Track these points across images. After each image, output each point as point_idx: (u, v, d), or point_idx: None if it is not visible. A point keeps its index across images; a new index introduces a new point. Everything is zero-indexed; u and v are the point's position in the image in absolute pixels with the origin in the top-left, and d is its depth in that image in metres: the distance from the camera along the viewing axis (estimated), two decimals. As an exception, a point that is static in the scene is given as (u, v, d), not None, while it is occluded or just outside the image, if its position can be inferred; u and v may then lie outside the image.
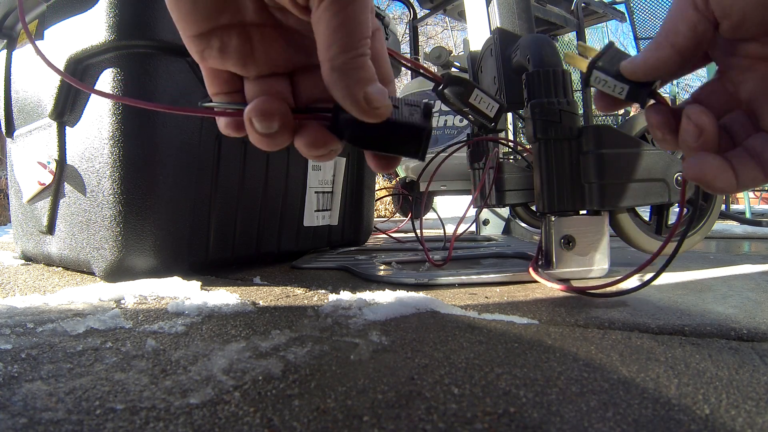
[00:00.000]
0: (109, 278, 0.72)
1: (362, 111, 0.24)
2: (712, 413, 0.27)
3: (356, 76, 0.24)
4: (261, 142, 0.26)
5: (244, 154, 0.85)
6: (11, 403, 0.28)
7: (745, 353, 0.37)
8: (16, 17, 0.89)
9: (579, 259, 0.69)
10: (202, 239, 0.80)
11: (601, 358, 0.36)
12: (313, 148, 0.26)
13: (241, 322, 0.47)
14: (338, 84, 0.24)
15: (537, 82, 0.68)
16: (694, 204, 0.81)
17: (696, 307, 0.52)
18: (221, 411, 0.28)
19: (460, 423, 0.26)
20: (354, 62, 0.24)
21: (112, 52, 0.70)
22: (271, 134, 0.25)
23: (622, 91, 0.30)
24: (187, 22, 0.25)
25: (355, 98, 0.24)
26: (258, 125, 0.25)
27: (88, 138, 0.74)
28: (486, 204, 0.92)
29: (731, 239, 1.43)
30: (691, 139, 0.27)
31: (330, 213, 1.08)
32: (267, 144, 0.26)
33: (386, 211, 4.09)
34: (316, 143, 0.26)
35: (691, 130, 0.27)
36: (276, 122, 0.25)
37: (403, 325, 0.46)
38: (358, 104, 0.24)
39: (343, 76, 0.24)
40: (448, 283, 0.69)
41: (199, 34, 0.26)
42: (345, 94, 0.24)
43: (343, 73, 0.24)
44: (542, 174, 0.69)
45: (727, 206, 3.07)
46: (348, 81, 0.24)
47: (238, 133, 0.28)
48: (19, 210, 0.95)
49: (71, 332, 0.43)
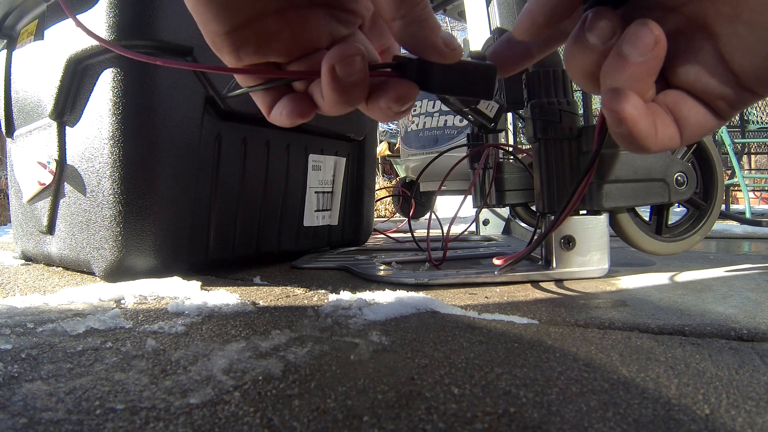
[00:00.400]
0: (109, 278, 0.72)
1: (444, 54, 0.25)
2: (712, 413, 0.27)
3: (430, 25, 0.25)
4: (338, 99, 0.26)
5: (244, 154, 0.85)
6: (11, 403, 0.28)
7: (745, 353, 0.37)
8: (16, 17, 0.89)
9: (579, 259, 0.69)
10: (202, 239, 0.80)
11: (601, 358, 0.36)
12: (401, 102, 0.26)
13: (241, 322, 0.47)
14: (417, 36, 0.25)
15: (537, 82, 0.68)
16: (695, 204, 0.81)
17: (696, 307, 0.52)
18: (221, 411, 0.28)
19: (460, 423, 0.26)
20: (424, 13, 0.25)
21: (112, 52, 0.70)
22: (353, 83, 0.25)
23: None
24: (218, 19, 0.24)
25: (436, 44, 0.25)
26: (341, 71, 0.25)
27: (88, 138, 0.74)
28: (485, 204, 0.92)
29: (731, 239, 1.43)
30: (638, 53, 0.22)
31: (330, 213, 1.08)
32: (345, 100, 0.26)
33: (386, 211, 4.09)
34: (405, 96, 0.26)
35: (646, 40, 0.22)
36: (358, 66, 0.25)
37: (403, 325, 0.46)
38: (440, 49, 0.25)
39: (420, 29, 0.25)
40: (448, 283, 0.69)
41: (232, 29, 0.25)
42: (426, 43, 0.25)
43: (419, 25, 0.25)
44: (542, 174, 0.69)
45: (727, 206, 3.07)
46: (425, 31, 0.25)
47: (302, 116, 0.27)
48: (19, 210, 0.95)
49: (71, 332, 0.43)
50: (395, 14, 0.25)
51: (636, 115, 0.23)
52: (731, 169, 2.76)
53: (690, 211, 0.83)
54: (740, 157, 2.97)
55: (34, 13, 0.86)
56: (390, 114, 0.27)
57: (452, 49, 0.26)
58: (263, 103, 0.28)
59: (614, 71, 0.23)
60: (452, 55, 0.26)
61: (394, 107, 0.26)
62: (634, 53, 0.22)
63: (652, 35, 0.22)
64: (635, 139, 0.23)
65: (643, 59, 0.22)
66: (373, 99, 0.27)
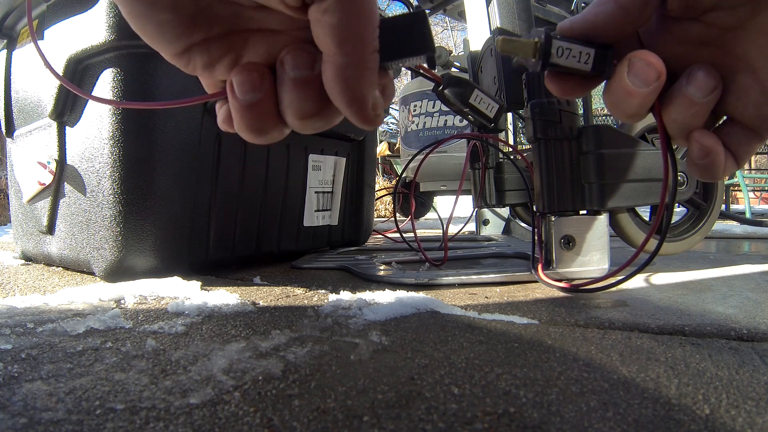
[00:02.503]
0: (109, 278, 0.72)
1: (368, 117, 0.23)
2: (712, 413, 0.27)
3: (370, 78, 0.23)
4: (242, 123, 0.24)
5: (244, 154, 0.85)
6: (11, 403, 0.28)
7: (745, 353, 0.37)
8: (16, 17, 0.89)
9: (579, 259, 0.69)
10: (202, 239, 0.80)
11: (601, 358, 0.36)
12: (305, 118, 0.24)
13: (241, 322, 0.47)
14: (351, 83, 0.22)
15: (537, 82, 0.68)
16: (695, 204, 0.81)
17: (696, 307, 0.52)
18: (221, 411, 0.28)
19: (460, 423, 0.26)
20: (369, 61, 0.22)
21: (112, 52, 0.70)
22: (249, 104, 0.23)
23: (588, 58, 0.26)
24: (159, 45, 0.24)
25: (365, 103, 0.23)
26: (237, 88, 0.23)
27: (88, 138, 0.74)
28: (480, 204, 0.92)
29: (731, 239, 1.43)
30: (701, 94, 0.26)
31: (330, 213, 1.08)
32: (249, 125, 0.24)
33: (386, 211, 4.09)
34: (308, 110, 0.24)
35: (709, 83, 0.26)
36: (255, 83, 0.23)
37: (403, 325, 0.46)
38: (366, 110, 0.23)
39: (357, 77, 0.22)
40: (448, 283, 0.69)
41: (177, 54, 0.24)
42: (355, 98, 0.23)
43: (358, 73, 0.22)
44: (542, 174, 0.69)
45: (727, 206, 3.07)
46: (361, 82, 0.22)
47: (232, 126, 0.26)
48: (19, 210, 0.95)
49: (71, 332, 0.43)
50: (337, 48, 0.22)
51: (719, 149, 0.27)
52: (731, 169, 2.76)
53: (690, 211, 0.83)
54: (740, 157, 2.96)
55: (34, 13, 0.86)
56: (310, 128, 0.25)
57: (376, 115, 0.23)
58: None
59: (681, 107, 0.27)
60: (375, 122, 0.24)
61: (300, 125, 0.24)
62: (698, 94, 0.26)
63: (714, 80, 0.26)
64: (714, 168, 0.27)
65: (706, 100, 0.26)
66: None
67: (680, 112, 0.27)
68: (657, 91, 0.26)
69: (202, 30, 0.23)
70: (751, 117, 0.27)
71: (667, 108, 0.27)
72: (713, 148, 0.27)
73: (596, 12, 0.26)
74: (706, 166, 0.27)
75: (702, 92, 0.26)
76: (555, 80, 0.28)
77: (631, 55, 0.26)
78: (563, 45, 0.26)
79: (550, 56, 0.26)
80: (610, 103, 0.28)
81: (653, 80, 0.26)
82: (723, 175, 0.28)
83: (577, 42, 0.26)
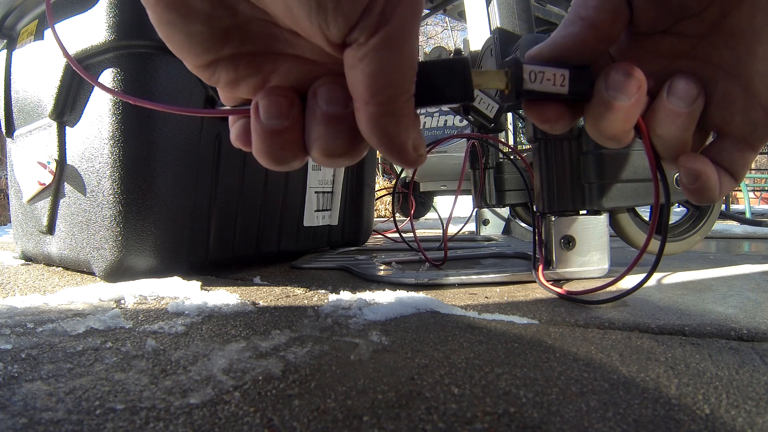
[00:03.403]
0: (109, 278, 0.72)
1: (410, 159, 0.22)
2: (712, 413, 0.27)
3: (408, 122, 0.22)
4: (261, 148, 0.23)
5: (244, 154, 0.85)
6: (11, 403, 0.28)
7: (745, 353, 0.37)
8: (16, 17, 0.89)
9: (579, 259, 0.69)
10: (202, 239, 0.80)
11: (601, 358, 0.36)
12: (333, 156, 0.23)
13: (241, 322, 0.47)
14: (388, 131, 0.21)
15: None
16: (695, 204, 0.81)
17: (696, 307, 0.52)
18: (221, 411, 0.28)
19: (460, 423, 0.26)
20: (406, 107, 0.21)
21: (112, 52, 0.70)
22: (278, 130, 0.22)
23: (563, 80, 0.25)
24: (184, 55, 0.22)
25: (406, 146, 0.22)
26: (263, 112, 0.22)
27: (88, 138, 0.74)
28: (480, 204, 0.92)
29: (731, 239, 1.43)
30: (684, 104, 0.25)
31: (330, 213, 1.08)
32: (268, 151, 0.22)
33: (386, 211, 4.09)
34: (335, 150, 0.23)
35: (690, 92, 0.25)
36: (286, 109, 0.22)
37: (403, 325, 0.46)
38: (408, 152, 0.22)
39: (395, 124, 0.21)
40: (448, 283, 0.69)
41: (201, 66, 0.23)
42: (394, 143, 0.22)
43: (395, 119, 0.21)
44: (542, 174, 0.69)
45: (727, 206, 3.07)
46: (399, 128, 0.21)
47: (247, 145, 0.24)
48: (19, 210, 0.95)
49: (71, 332, 0.43)
50: (371, 98, 0.20)
51: (709, 170, 0.26)
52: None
53: (690, 211, 0.83)
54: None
55: (34, 13, 0.86)
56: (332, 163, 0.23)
57: (419, 156, 0.23)
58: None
59: (664, 120, 0.26)
60: (417, 162, 0.23)
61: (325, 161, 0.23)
62: (681, 104, 0.25)
63: (695, 87, 0.25)
64: (707, 191, 0.26)
65: (689, 110, 0.25)
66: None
67: (665, 126, 0.26)
68: (640, 103, 0.25)
69: (232, 45, 0.22)
70: (739, 125, 0.26)
71: (651, 125, 0.26)
72: (702, 170, 0.26)
73: (564, 34, 0.25)
74: (699, 190, 0.26)
75: (684, 101, 0.25)
76: (534, 109, 0.26)
77: (608, 68, 0.25)
78: (535, 69, 0.25)
79: (523, 82, 0.25)
80: (592, 125, 0.26)
81: (634, 91, 0.24)
82: (721, 195, 0.27)
83: (550, 64, 0.25)
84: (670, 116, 0.25)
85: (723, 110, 0.26)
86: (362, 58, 0.20)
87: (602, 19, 0.25)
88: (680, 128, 0.26)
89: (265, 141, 0.22)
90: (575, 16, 0.25)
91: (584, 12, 0.25)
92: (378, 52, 0.19)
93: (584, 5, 0.25)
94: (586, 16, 0.25)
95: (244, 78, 0.23)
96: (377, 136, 0.21)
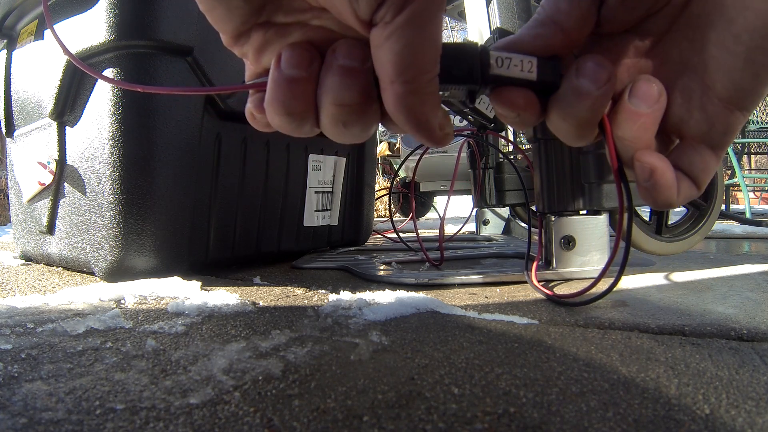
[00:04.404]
0: (109, 278, 0.72)
1: (436, 138, 0.23)
2: (712, 413, 0.27)
3: (433, 101, 0.22)
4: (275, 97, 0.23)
5: (244, 154, 0.85)
6: (11, 403, 0.28)
7: (745, 353, 0.37)
8: (16, 17, 0.89)
9: (579, 259, 0.69)
10: (202, 239, 0.80)
11: (601, 358, 0.36)
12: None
13: (241, 322, 0.47)
14: (415, 110, 0.22)
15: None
16: (695, 204, 0.81)
17: (696, 307, 0.52)
18: (221, 411, 0.28)
19: (460, 423, 0.26)
20: (431, 85, 0.22)
21: (112, 52, 0.70)
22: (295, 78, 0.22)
23: (531, 66, 0.25)
24: (223, 26, 0.24)
25: (432, 125, 0.23)
26: (285, 62, 0.23)
27: (88, 138, 0.74)
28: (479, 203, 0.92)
29: (731, 239, 1.43)
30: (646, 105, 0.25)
31: (330, 213, 1.08)
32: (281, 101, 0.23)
33: (386, 211, 4.09)
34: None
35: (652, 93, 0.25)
36: (307, 61, 0.23)
37: (403, 325, 0.46)
38: (434, 132, 0.23)
39: (420, 103, 0.22)
40: (448, 283, 0.69)
41: (235, 35, 0.24)
42: (421, 121, 0.22)
43: (420, 97, 0.22)
44: (542, 174, 0.69)
45: (727, 206, 3.07)
46: (425, 107, 0.22)
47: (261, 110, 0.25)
48: (19, 210, 0.95)
49: (71, 332, 0.43)
50: (397, 76, 0.21)
51: (664, 167, 0.25)
52: (731, 169, 2.76)
53: (690, 211, 0.83)
54: (740, 157, 2.97)
55: (34, 13, 0.86)
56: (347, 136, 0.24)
57: (445, 134, 0.23)
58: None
59: (626, 122, 0.25)
60: (444, 141, 0.23)
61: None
62: (642, 105, 0.25)
63: (657, 89, 0.25)
64: (662, 189, 0.25)
65: (651, 110, 0.25)
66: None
67: (627, 128, 0.25)
68: (608, 95, 0.25)
69: (266, 15, 0.23)
70: (697, 123, 0.25)
71: (612, 126, 0.26)
72: (655, 165, 0.25)
73: (533, 34, 0.25)
74: (654, 188, 0.25)
75: (646, 102, 0.25)
76: (502, 95, 0.25)
77: (581, 57, 0.25)
78: (502, 55, 0.24)
79: (490, 67, 0.24)
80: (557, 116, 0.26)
81: (604, 80, 0.24)
82: (680, 200, 0.26)
83: (517, 52, 0.25)
84: (632, 117, 0.25)
85: (681, 108, 0.25)
86: (389, 37, 0.20)
87: (572, 25, 0.25)
88: (641, 129, 0.25)
89: (280, 88, 0.23)
90: (546, 17, 0.25)
91: (555, 16, 0.25)
92: (404, 30, 0.20)
93: (556, 9, 0.25)
94: (557, 20, 0.25)
95: (271, 43, 0.24)
96: (404, 115, 0.22)
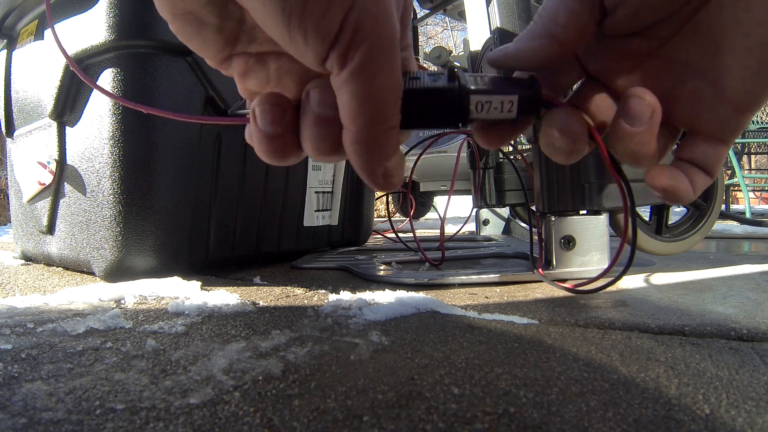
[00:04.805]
0: (109, 278, 0.72)
1: (378, 185, 0.23)
2: (712, 413, 0.27)
3: (381, 153, 0.22)
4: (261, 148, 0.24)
5: (244, 154, 0.85)
6: (11, 403, 0.28)
7: (745, 353, 0.37)
8: (16, 17, 0.89)
9: (579, 259, 0.68)
10: (202, 239, 0.80)
11: (601, 358, 0.36)
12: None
13: (241, 322, 0.47)
14: (361, 157, 0.22)
15: (537, 82, 0.68)
16: (695, 204, 0.81)
17: (696, 307, 0.52)
18: (221, 411, 0.28)
19: (460, 423, 0.26)
20: (381, 138, 0.22)
21: (112, 52, 0.70)
22: (273, 135, 0.23)
23: (511, 105, 0.24)
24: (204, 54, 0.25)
25: (375, 173, 0.23)
26: (260, 119, 0.23)
27: (88, 138, 0.74)
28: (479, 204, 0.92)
29: (731, 239, 1.43)
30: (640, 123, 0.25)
31: (330, 213, 1.08)
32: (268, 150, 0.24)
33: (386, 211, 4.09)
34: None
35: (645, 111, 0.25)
36: (280, 117, 0.23)
37: (403, 325, 0.46)
38: (376, 179, 0.23)
39: (366, 151, 0.22)
40: (448, 283, 0.69)
41: (219, 62, 0.25)
42: (364, 168, 0.22)
43: (367, 148, 0.22)
44: (542, 174, 0.69)
45: (727, 206, 3.07)
46: (370, 156, 0.22)
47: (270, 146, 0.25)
48: (19, 210, 0.95)
49: (71, 332, 0.43)
50: (350, 123, 0.21)
51: (676, 183, 0.26)
52: (731, 169, 2.77)
53: (690, 211, 0.83)
54: (740, 157, 2.97)
55: (34, 13, 0.86)
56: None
57: (389, 183, 0.23)
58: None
59: (623, 139, 0.25)
60: (387, 189, 0.23)
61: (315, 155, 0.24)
62: (637, 123, 0.25)
63: (649, 105, 0.25)
64: (680, 198, 0.26)
65: (645, 127, 0.25)
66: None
67: (625, 145, 0.25)
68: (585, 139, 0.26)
69: (241, 46, 0.24)
70: (709, 122, 0.25)
71: (611, 143, 0.26)
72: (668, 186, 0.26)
73: (530, 47, 0.26)
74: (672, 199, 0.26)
75: (640, 119, 0.25)
76: (479, 132, 0.26)
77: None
78: (482, 100, 0.23)
79: (470, 113, 0.24)
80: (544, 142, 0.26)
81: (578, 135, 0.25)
82: (696, 194, 0.26)
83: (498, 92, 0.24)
84: (628, 135, 0.25)
85: (692, 108, 0.26)
86: (340, 87, 0.21)
87: (570, 38, 0.25)
88: (639, 145, 0.25)
89: (263, 143, 0.24)
90: (543, 30, 0.25)
91: (553, 28, 0.25)
92: (353, 81, 0.20)
93: (554, 21, 0.25)
94: (555, 33, 0.25)
95: (253, 70, 0.25)
96: (350, 157, 0.22)
